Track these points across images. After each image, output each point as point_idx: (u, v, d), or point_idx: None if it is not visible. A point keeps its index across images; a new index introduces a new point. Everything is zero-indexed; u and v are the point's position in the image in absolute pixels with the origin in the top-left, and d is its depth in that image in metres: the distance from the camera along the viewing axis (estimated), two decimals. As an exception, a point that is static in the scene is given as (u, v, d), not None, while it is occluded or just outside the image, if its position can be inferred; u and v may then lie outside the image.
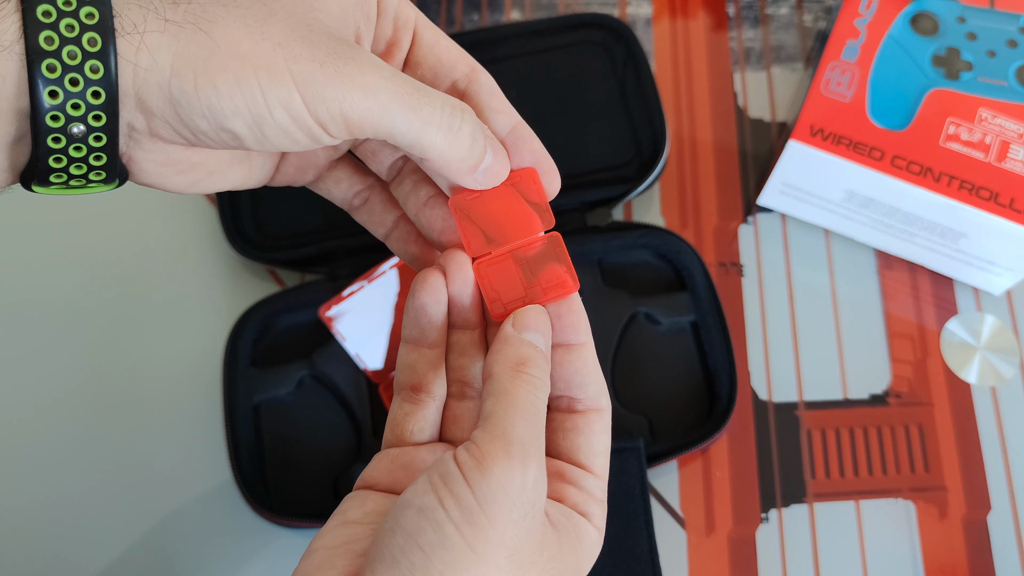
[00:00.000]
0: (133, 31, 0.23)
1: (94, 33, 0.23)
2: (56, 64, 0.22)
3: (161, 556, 0.46)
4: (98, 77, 0.23)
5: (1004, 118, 0.47)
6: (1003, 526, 0.46)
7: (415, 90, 0.25)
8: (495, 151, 0.28)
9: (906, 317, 0.50)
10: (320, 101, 0.24)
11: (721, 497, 0.46)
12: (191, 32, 0.23)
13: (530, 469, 0.24)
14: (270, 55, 0.24)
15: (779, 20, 0.58)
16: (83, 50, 0.22)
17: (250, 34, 0.24)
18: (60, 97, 0.23)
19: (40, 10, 0.22)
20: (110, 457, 0.48)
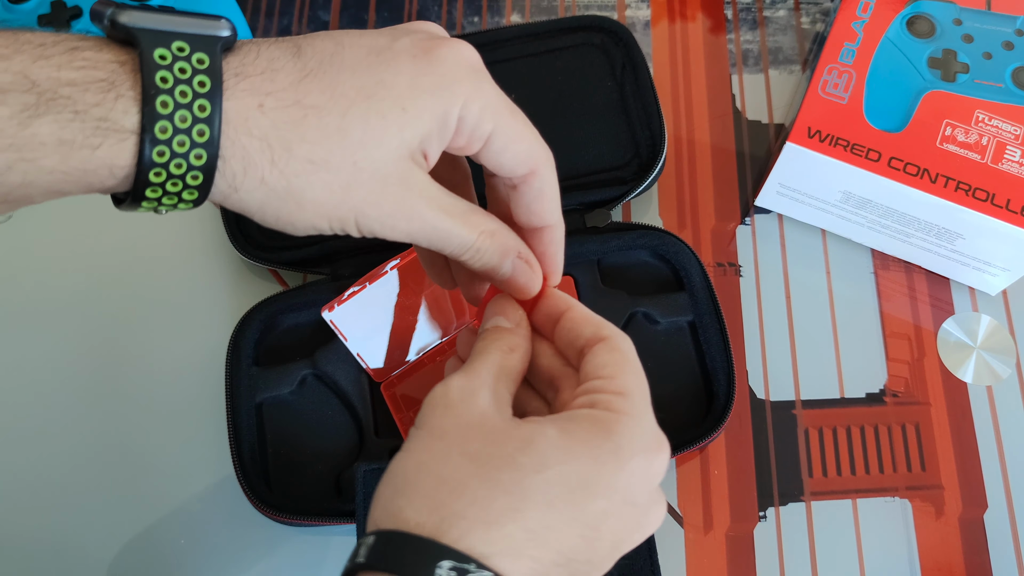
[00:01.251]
0: (232, 182, 0.26)
1: (201, 152, 0.25)
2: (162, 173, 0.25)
3: (164, 553, 0.46)
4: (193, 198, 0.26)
5: (1000, 120, 0.47)
6: (999, 524, 0.46)
7: (449, 221, 0.29)
8: (517, 271, 0.31)
9: (903, 317, 0.50)
10: (368, 230, 0.28)
11: (719, 495, 0.47)
12: (283, 196, 0.26)
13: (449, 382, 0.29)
14: (344, 212, 0.27)
15: (777, 23, 0.58)
16: (186, 181, 0.26)
17: (332, 197, 0.27)
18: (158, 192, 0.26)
19: (156, 151, 0.25)
20: (114, 455, 0.48)
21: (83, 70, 0.24)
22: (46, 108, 0.23)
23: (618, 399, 0.28)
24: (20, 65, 0.23)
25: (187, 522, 0.47)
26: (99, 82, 0.24)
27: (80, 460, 0.48)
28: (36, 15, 0.53)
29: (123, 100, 0.24)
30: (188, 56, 0.25)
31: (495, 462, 0.26)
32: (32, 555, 0.46)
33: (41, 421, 0.49)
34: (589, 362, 0.30)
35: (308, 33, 0.29)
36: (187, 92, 0.24)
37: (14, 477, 0.48)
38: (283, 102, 0.26)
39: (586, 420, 0.27)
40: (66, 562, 0.46)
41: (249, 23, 0.59)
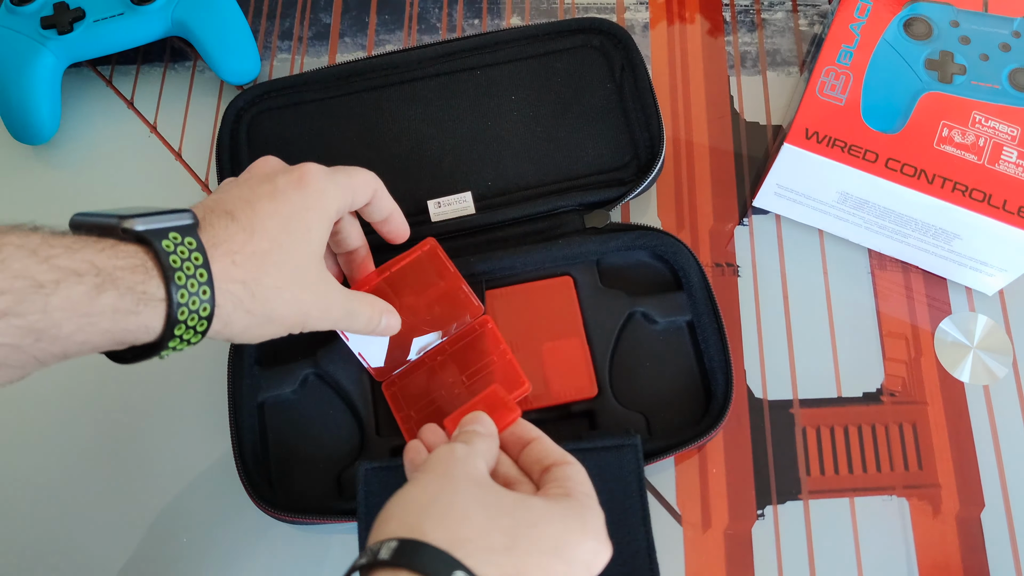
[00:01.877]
0: (226, 320, 0.35)
1: (204, 324, 0.35)
2: (176, 336, 0.34)
3: (166, 551, 0.46)
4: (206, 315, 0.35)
5: (997, 121, 0.48)
6: (996, 523, 0.46)
7: (350, 311, 0.41)
8: (388, 318, 0.43)
9: (900, 317, 0.51)
10: (310, 328, 0.40)
11: (717, 494, 0.47)
12: (261, 319, 0.37)
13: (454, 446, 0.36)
14: (298, 320, 0.39)
15: (775, 25, 0.59)
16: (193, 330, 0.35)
17: (291, 310, 0.38)
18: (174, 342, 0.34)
19: (179, 311, 0.34)
20: (116, 453, 0.49)
21: (125, 259, 0.33)
22: (108, 286, 0.32)
23: (587, 498, 0.36)
24: (88, 255, 0.32)
25: (189, 520, 0.47)
26: (136, 267, 0.33)
27: (83, 459, 0.48)
28: (39, 17, 0.53)
29: (153, 279, 0.33)
30: (182, 241, 0.34)
31: (495, 509, 0.33)
32: (34, 555, 0.47)
33: (43, 420, 0.49)
34: (556, 473, 0.36)
35: (219, 189, 0.39)
36: (190, 267, 0.33)
37: (16, 477, 0.48)
38: (245, 255, 0.36)
39: (565, 500, 0.35)
40: (68, 561, 0.46)
41: (251, 25, 0.59)
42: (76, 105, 0.57)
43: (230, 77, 0.56)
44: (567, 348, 0.48)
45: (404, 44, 0.59)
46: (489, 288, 0.49)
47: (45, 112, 0.54)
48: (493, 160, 0.52)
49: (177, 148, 0.56)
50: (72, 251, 0.32)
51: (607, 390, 0.47)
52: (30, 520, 0.47)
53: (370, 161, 0.53)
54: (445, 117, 0.53)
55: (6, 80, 0.53)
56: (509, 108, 0.53)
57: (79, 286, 0.31)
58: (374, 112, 0.54)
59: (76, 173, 0.56)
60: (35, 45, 0.53)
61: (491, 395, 0.41)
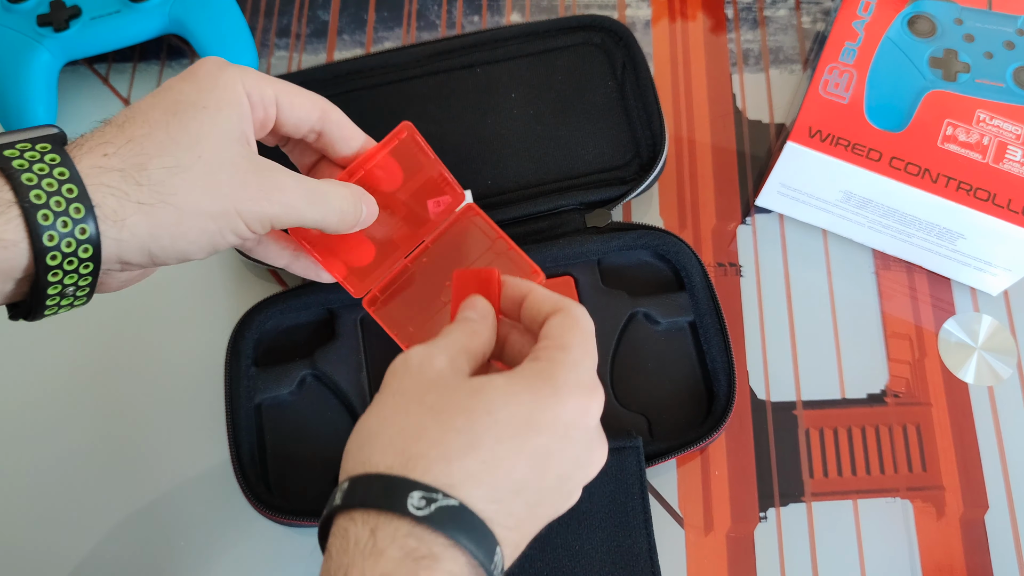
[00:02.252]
0: (115, 217, 0.30)
1: (84, 225, 0.30)
2: (57, 255, 0.30)
3: (163, 554, 0.46)
4: (88, 255, 0.30)
5: (1002, 119, 0.47)
6: (1000, 525, 0.46)
7: (315, 194, 0.35)
8: (368, 205, 0.38)
9: (904, 317, 0.50)
10: (256, 220, 0.34)
11: (719, 496, 0.47)
12: (160, 208, 0.31)
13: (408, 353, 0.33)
14: (222, 205, 0.33)
15: (777, 22, 0.58)
16: (76, 239, 0.30)
17: (203, 193, 0.32)
18: (59, 259, 0.30)
19: (39, 214, 0.29)
20: (113, 455, 0.48)
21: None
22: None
23: (559, 352, 0.32)
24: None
25: (186, 523, 0.47)
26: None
27: (79, 460, 0.48)
28: (35, 15, 0.53)
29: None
30: (32, 148, 0.30)
31: (449, 410, 0.30)
32: (32, 556, 0.46)
33: (41, 421, 0.49)
34: (543, 329, 0.33)
35: None
36: (43, 167, 0.29)
37: (14, 478, 0.48)
38: (119, 145, 0.31)
39: (529, 369, 0.31)
40: (65, 562, 0.46)
41: (249, 23, 0.59)
42: (72, 103, 0.57)
43: (228, 75, 0.56)
44: (568, 349, 0.47)
45: (403, 42, 0.59)
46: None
47: (41, 110, 0.53)
48: (493, 159, 0.52)
49: (174, 147, 0.56)
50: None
51: (608, 391, 0.47)
52: (26, 521, 0.47)
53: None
54: (444, 115, 0.53)
55: (2, 78, 0.53)
56: (509, 106, 0.53)
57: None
58: (373, 110, 0.54)
59: (72, 172, 0.55)
60: (31, 43, 0.53)
61: (468, 274, 0.36)
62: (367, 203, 0.38)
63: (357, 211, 0.37)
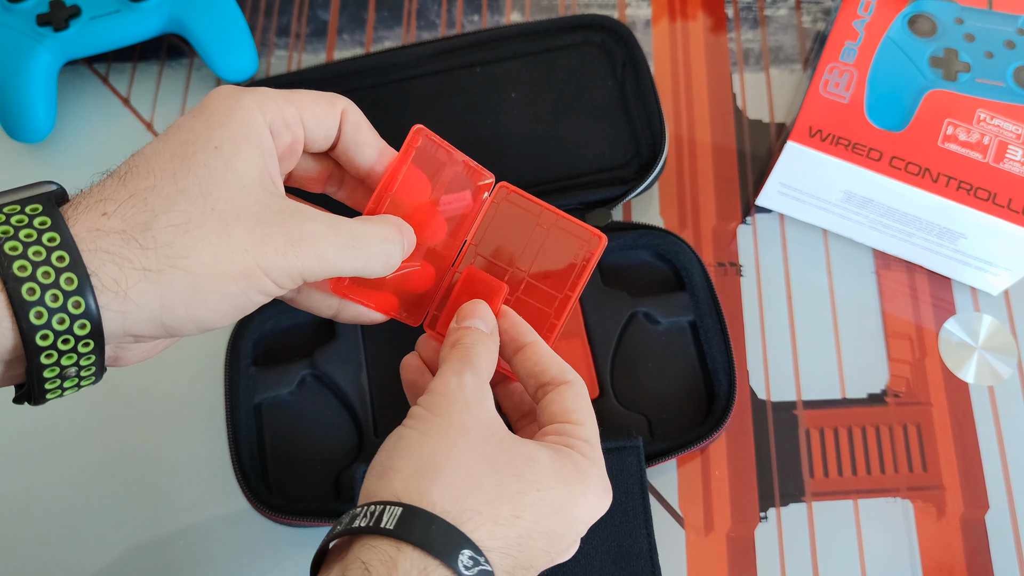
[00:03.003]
0: (115, 288, 0.26)
1: (78, 298, 0.25)
2: (49, 334, 0.25)
3: (163, 554, 0.46)
4: (87, 331, 0.26)
5: (1002, 119, 0.47)
6: (1001, 525, 0.46)
7: (353, 241, 0.31)
8: (408, 239, 0.34)
9: (904, 317, 0.50)
10: (285, 276, 0.29)
11: (720, 496, 0.47)
12: (170, 274, 0.26)
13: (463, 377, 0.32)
14: (242, 263, 0.28)
15: (778, 22, 0.58)
16: (69, 314, 0.25)
17: (219, 252, 0.27)
18: (51, 338, 0.25)
19: (24, 288, 0.25)
20: (113, 455, 0.48)
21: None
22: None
23: (587, 447, 0.33)
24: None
25: (186, 523, 0.47)
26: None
27: (78, 460, 0.48)
28: (35, 14, 0.53)
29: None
30: (21, 210, 0.25)
31: (507, 471, 0.30)
32: (31, 556, 0.46)
33: (40, 422, 0.49)
34: (555, 402, 0.34)
35: None
36: (31, 233, 0.25)
37: (14, 478, 0.48)
38: (119, 201, 0.27)
39: (568, 458, 0.32)
40: (65, 563, 0.46)
41: (249, 22, 0.59)
42: (72, 103, 0.57)
43: (227, 74, 0.55)
44: (568, 348, 0.47)
45: (403, 41, 0.59)
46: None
47: (41, 110, 0.53)
48: (493, 158, 0.52)
49: (174, 146, 0.56)
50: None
51: (608, 391, 0.47)
52: (25, 522, 0.47)
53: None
54: (444, 115, 0.53)
55: (1, 78, 0.52)
56: (509, 106, 0.53)
57: None
58: (372, 110, 0.53)
59: (72, 171, 0.55)
60: (31, 42, 0.52)
61: (471, 278, 0.34)
62: (406, 235, 0.33)
63: (400, 249, 0.33)
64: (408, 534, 0.27)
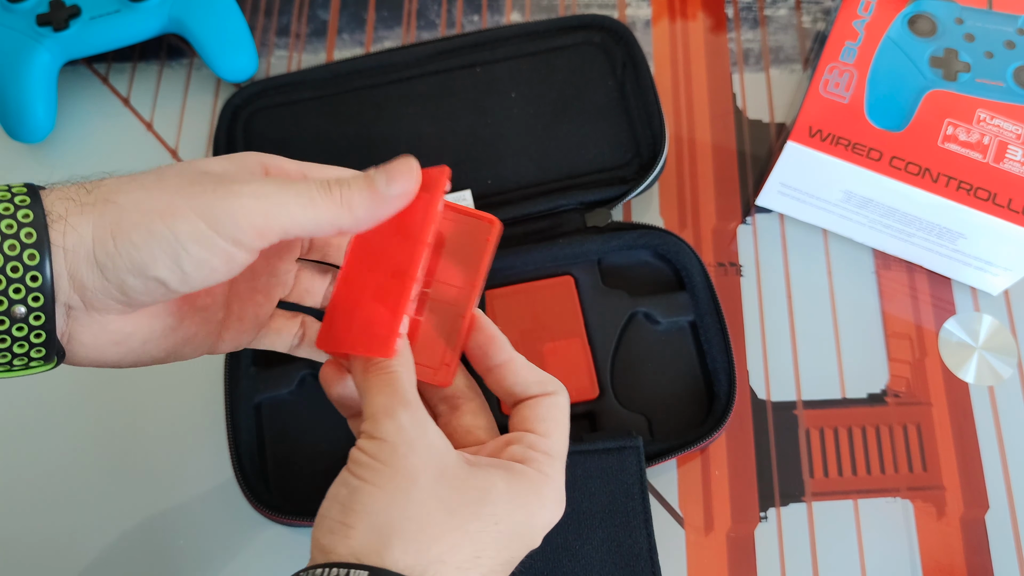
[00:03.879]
0: (59, 219, 0.28)
1: (30, 228, 0.27)
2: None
3: (163, 553, 0.46)
4: (34, 263, 0.27)
5: (1002, 119, 0.47)
6: (1001, 525, 0.46)
7: (298, 183, 0.29)
8: (389, 175, 0.31)
9: (904, 317, 0.50)
10: (222, 220, 0.28)
11: (720, 496, 0.47)
12: (102, 206, 0.28)
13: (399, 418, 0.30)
14: (170, 201, 0.28)
15: (778, 22, 0.58)
16: (21, 242, 0.27)
17: (150, 193, 0.28)
18: (3, 283, 0.27)
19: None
20: (112, 455, 0.48)
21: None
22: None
23: (546, 460, 0.32)
24: None
25: (186, 522, 0.47)
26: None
27: (78, 461, 0.48)
28: (35, 14, 0.53)
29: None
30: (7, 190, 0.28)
31: (464, 512, 0.30)
32: (31, 555, 0.46)
33: (40, 421, 0.49)
34: (528, 408, 0.33)
35: None
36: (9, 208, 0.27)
37: (13, 478, 0.48)
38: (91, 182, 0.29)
39: (524, 477, 0.31)
40: (65, 563, 0.46)
41: (248, 22, 0.59)
42: (72, 103, 0.57)
43: (227, 74, 0.55)
44: (568, 348, 0.47)
45: (403, 41, 0.59)
46: (489, 288, 0.49)
47: (41, 110, 0.53)
48: (493, 158, 0.52)
49: (173, 146, 0.56)
50: None
51: (608, 391, 0.47)
52: (25, 521, 0.47)
53: (368, 160, 0.52)
54: (444, 115, 0.53)
55: (1, 78, 0.52)
56: (509, 106, 0.53)
57: None
58: (372, 110, 0.54)
59: (72, 171, 0.55)
60: (30, 43, 0.53)
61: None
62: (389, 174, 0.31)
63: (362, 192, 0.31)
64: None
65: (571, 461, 0.43)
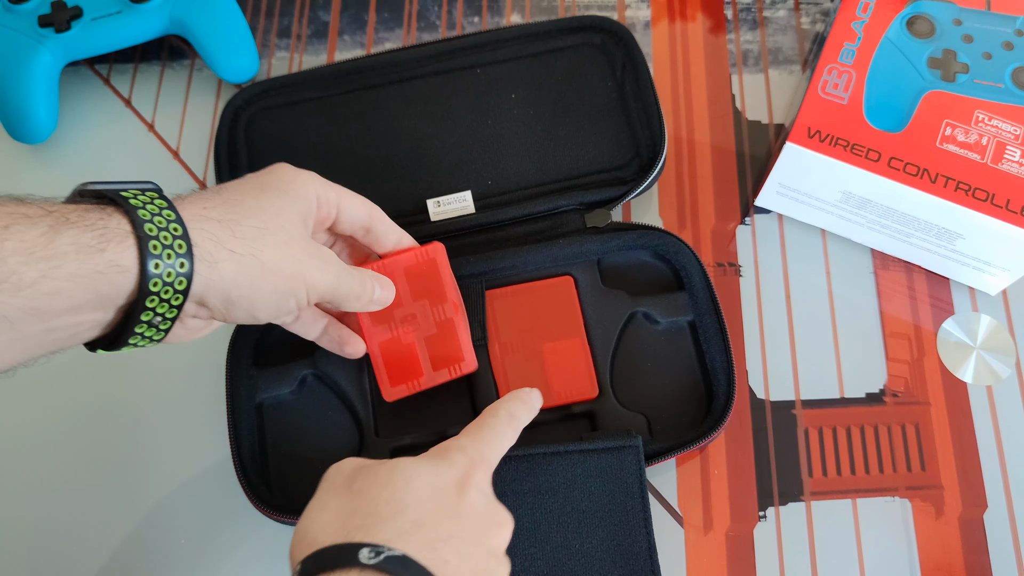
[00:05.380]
0: (210, 259, 0.34)
1: (184, 260, 0.33)
2: (158, 282, 0.33)
3: (164, 552, 0.46)
4: (183, 287, 0.33)
5: (1000, 120, 0.47)
6: (999, 524, 0.46)
7: (346, 275, 0.40)
8: (382, 286, 0.43)
9: (903, 317, 0.51)
10: (313, 292, 0.39)
11: (719, 495, 0.47)
12: (248, 259, 0.35)
13: None
14: (294, 267, 0.37)
15: (777, 23, 0.59)
16: (176, 271, 0.33)
17: (283, 255, 0.36)
18: (159, 285, 0.33)
19: (151, 244, 0.32)
20: (114, 455, 0.48)
21: (78, 205, 0.32)
22: (64, 226, 0.31)
23: (462, 437, 0.38)
24: (39, 204, 0.31)
25: (187, 522, 0.47)
26: (91, 208, 0.32)
27: (80, 460, 0.48)
28: (36, 15, 0.53)
29: (113, 216, 0.32)
30: (142, 193, 0.34)
31: (375, 487, 0.35)
32: (33, 555, 0.46)
33: (41, 421, 0.49)
34: None
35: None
36: (153, 207, 0.33)
37: (15, 478, 0.48)
38: (216, 204, 0.36)
39: (433, 450, 0.37)
40: (66, 562, 0.46)
41: (250, 23, 0.59)
42: (74, 104, 0.57)
43: (228, 75, 0.56)
44: (568, 348, 0.47)
45: (403, 42, 0.59)
46: (489, 288, 0.49)
47: (42, 111, 0.53)
48: (493, 159, 0.52)
49: (175, 147, 0.56)
50: (22, 204, 0.31)
51: (608, 391, 0.47)
52: (27, 521, 0.47)
53: (369, 160, 0.53)
54: (445, 116, 0.53)
55: (3, 79, 0.53)
56: (509, 107, 0.53)
57: (32, 229, 0.30)
58: (373, 111, 0.54)
59: (73, 172, 0.56)
60: (32, 44, 0.53)
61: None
62: (383, 289, 0.43)
63: (370, 290, 0.42)
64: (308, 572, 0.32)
65: (571, 461, 0.43)
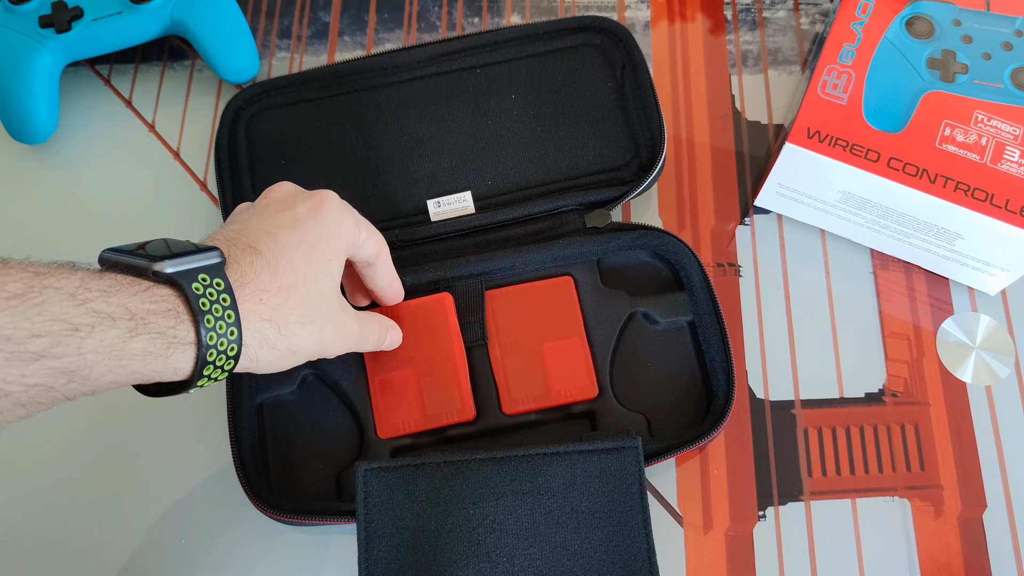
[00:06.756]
0: (254, 356, 0.37)
1: (234, 344, 0.36)
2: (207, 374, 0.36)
3: (165, 552, 0.46)
4: (233, 354, 0.36)
5: (999, 120, 0.47)
6: (998, 524, 0.46)
7: (364, 337, 0.43)
8: (392, 332, 0.46)
9: (902, 317, 0.51)
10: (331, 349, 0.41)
11: (718, 495, 0.47)
12: (285, 353, 0.38)
13: None
14: (319, 349, 0.40)
15: (776, 23, 0.59)
16: (228, 339, 0.36)
17: (315, 344, 0.40)
18: (204, 381, 0.36)
19: (208, 352, 0.35)
20: (114, 455, 0.48)
21: (157, 303, 0.34)
22: (141, 330, 0.33)
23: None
24: (123, 300, 0.33)
25: (188, 522, 0.47)
26: (168, 312, 0.34)
27: (81, 460, 0.48)
28: (37, 16, 0.53)
29: (184, 323, 0.34)
30: (210, 283, 0.35)
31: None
32: (33, 556, 0.46)
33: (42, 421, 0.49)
34: None
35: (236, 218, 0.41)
36: (219, 308, 0.35)
37: (15, 478, 0.48)
38: (271, 292, 0.37)
39: None
40: (67, 562, 0.46)
41: (250, 24, 0.59)
42: (74, 104, 0.57)
43: (229, 76, 0.56)
44: (568, 348, 0.47)
45: (404, 43, 0.59)
46: (489, 288, 0.49)
47: (43, 111, 0.53)
48: (493, 159, 0.52)
49: (175, 147, 0.56)
50: (108, 295, 0.33)
51: (608, 391, 0.47)
52: (28, 521, 0.47)
53: (369, 160, 0.53)
54: (445, 116, 0.53)
55: (4, 79, 0.53)
56: (509, 107, 0.53)
57: (113, 330, 0.32)
58: (373, 111, 0.54)
59: (74, 172, 0.56)
60: (33, 44, 0.53)
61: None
62: (392, 333, 0.46)
63: (384, 340, 0.45)
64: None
65: (570, 461, 0.43)
